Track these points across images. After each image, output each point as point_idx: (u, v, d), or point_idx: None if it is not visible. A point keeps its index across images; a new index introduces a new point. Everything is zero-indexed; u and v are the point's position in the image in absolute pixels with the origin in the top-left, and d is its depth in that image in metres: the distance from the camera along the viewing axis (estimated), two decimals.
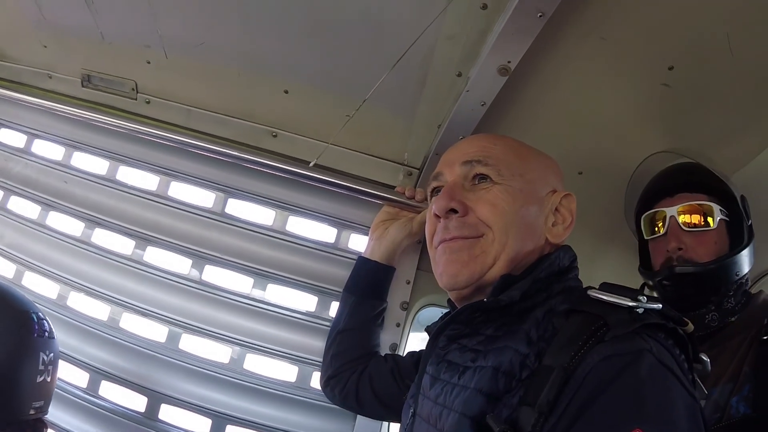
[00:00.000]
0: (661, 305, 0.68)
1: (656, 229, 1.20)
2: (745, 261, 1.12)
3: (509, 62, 1.04)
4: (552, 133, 1.28)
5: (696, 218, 1.15)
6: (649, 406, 0.58)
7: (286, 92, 1.36)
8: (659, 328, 0.67)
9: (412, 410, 0.87)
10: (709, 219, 1.14)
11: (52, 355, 1.10)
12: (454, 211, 0.84)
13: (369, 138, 1.39)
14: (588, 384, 0.61)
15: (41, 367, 1.06)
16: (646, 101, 1.22)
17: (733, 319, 1.10)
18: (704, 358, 0.71)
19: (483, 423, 0.68)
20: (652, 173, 1.28)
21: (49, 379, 1.08)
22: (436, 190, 0.92)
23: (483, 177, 0.85)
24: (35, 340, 1.07)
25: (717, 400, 0.99)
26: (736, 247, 1.13)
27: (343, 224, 1.42)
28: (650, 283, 1.21)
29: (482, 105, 1.14)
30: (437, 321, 0.92)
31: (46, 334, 1.11)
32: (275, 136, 1.43)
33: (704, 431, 0.61)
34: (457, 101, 1.16)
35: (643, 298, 0.68)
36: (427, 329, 0.93)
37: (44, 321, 1.12)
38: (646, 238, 1.24)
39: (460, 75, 1.17)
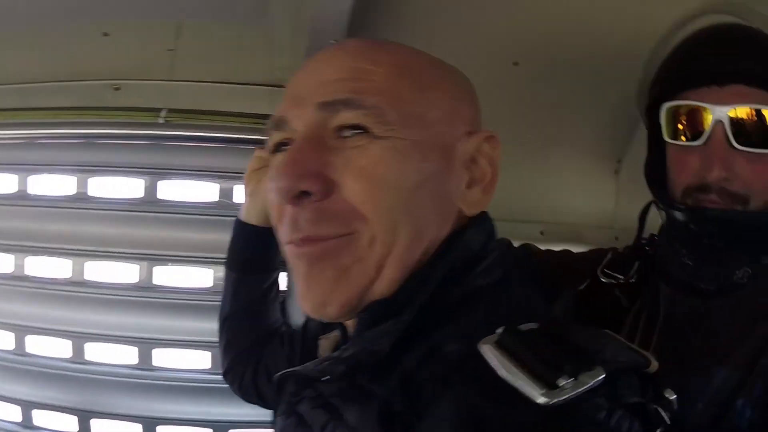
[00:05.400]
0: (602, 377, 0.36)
1: (689, 132, 0.70)
2: None
3: None
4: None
5: (758, 131, 0.66)
6: None
7: (106, 35, 1.12)
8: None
9: None
10: None
11: None
12: (306, 193, 0.46)
13: (223, 63, 1.14)
14: None
15: None
16: None
17: None
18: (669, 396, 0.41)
19: None
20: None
21: None
22: (281, 146, 0.51)
23: (355, 128, 0.46)
24: None
25: (719, 388, 0.64)
26: None
27: (222, 176, 1.16)
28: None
29: None
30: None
31: None
32: (118, 89, 1.17)
33: None
34: None
35: (568, 381, 0.35)
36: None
37: None
38: (667, 139, 0.73)
39: None
